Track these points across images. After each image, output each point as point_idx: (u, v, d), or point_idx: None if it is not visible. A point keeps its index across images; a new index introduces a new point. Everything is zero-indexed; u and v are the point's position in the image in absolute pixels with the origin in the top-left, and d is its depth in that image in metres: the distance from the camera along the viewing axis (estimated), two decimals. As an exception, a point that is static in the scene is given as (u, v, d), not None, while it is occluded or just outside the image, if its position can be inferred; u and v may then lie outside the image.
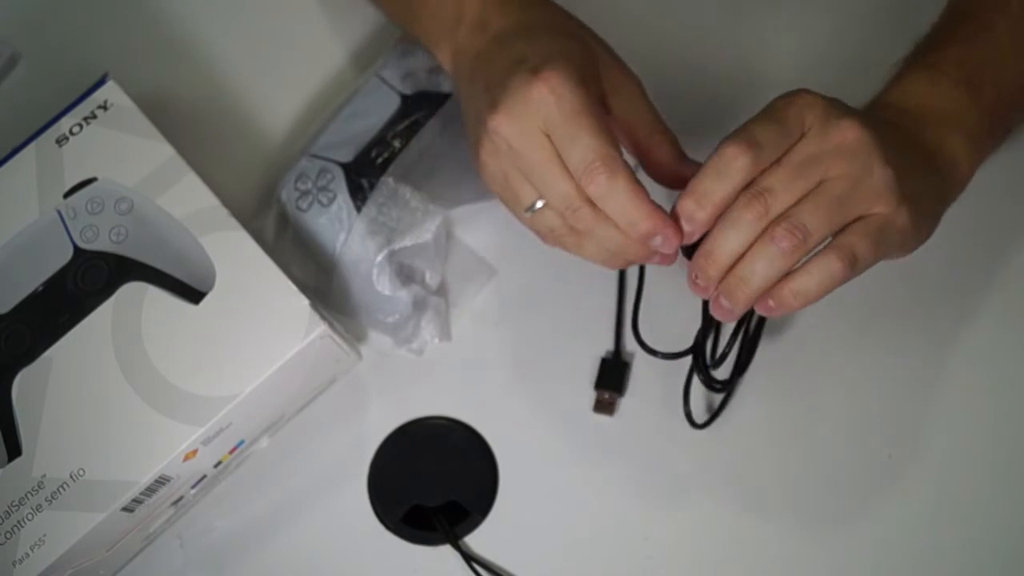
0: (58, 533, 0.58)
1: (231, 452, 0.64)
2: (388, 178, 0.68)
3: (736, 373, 0.65)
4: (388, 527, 0.66)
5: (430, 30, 0.64)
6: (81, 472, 0.58)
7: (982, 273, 0.67)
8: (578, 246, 0.56)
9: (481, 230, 0.70)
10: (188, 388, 0.60)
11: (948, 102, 0.59)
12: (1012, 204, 0.68)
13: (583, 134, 0.53)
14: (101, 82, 0.66)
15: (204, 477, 0.64)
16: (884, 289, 0.66)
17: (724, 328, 0.64)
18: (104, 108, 0.66)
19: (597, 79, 0.57)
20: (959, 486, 0.64)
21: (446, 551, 0.65)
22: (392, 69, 0.70)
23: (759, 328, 0.65)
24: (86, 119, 0.65)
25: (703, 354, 0.61)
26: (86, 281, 0.63)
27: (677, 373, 0.63)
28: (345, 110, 0.70)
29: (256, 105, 0.75)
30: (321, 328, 0.61)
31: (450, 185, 0.69)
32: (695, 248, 0.54)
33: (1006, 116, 0.62)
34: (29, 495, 0.58)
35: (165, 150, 0.64)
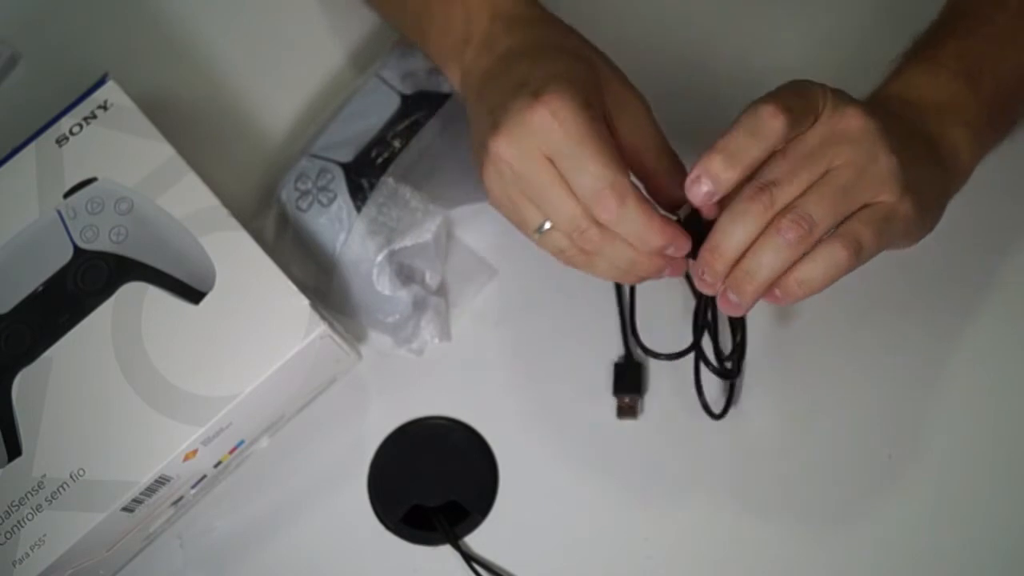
0: (58, 533, 0.58)
1: (231, 452, 0.64)
2: (388, 178, 0.68)
3: (739, 356, 0.64)
4: (388, 527, 0.66)
5: (439, 49, 0.64)
6: (81, 472, 0.58)
7: (983, 271, 0.67)
8: (589, 265, 0.56)
9: (481, 230, 0.70)
10: (188, 388, 0.60)
11: (947, 94, 0.59)
12: (1013, 202, 0.68)
13: (589, 161, 0.52)
14: (101, 82, 0.66)
15: (204, 477, 0.64)
16: (884, 287, 0.66)
17: (720, 318, 0.64)
18: (104, 108, 0.66)
19: (601, 100, 0.56)
20: (959, 486, 0.64)
21: (446, 551, 0.65)
22: (392, 69, 0.70)
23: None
24: (86, 119, 0.65)
25: (704, 348, 0.61)
26: (86, 281, 0.62)
27: (672, 369, 0.64)
28: (345, 110, 0.70)
29: (256, 105, 0.75)
30: (321, 328, 0.61)
31: (450, 185, 0.69)
32: (699, 246, 0.54)
33: (1006, 108, 0.62)
34: (29, 495, 0.58)
35: (165, 150, 0.64)
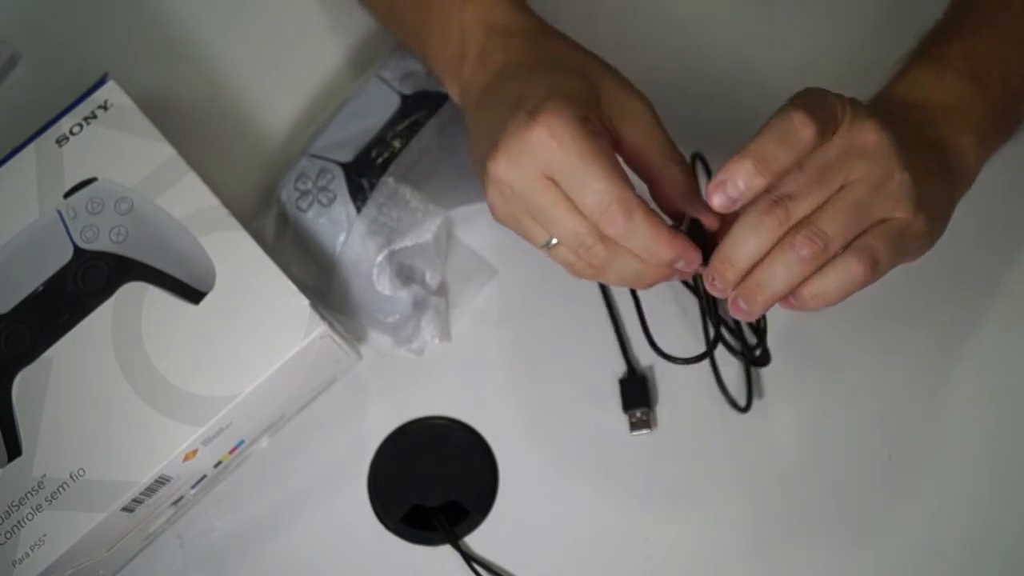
0: (58, 533, 0.58)
1: (231, 452, 0.64)
2: (388, 178, 0.68)
3: (761, 338, 0.63)
4: (388, 527, 0.66)
5: (438, 63, 0.64)
6: (81, 472, 0.58)
7: (985, 272, 0.67)
8: (598, 276, 0.56)
9: (481, 230, 0.70)
10: (188, 388, 0.60)
11: (954, 96, 0.59)
12: (1018, 205, 0.68)
13: (592, 179, 0.52)
14: (101, 82, 0.66)
15: (204, 477, 0.64)
16: (886, 287, 0.65)
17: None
18: (104, 108, 0.66)
19: (600, 110, 0.55)
20: (959, 486, 0.64)
21: (446, 551, 0.65)
22: (392, 69, 0.70)
23: None
24: (86, 119, 0.65)
25: (728, 343, 0.61)
26: (86, 281, 0.62)
27: (675, 373, 0.63)
28: (345, 110, 0.70)
29: (256, 105, 0.75)
30: (321, 328, 0.61)
31: (450, 185, 0.69)
32: (706, 252, 0.54)
33: (1011, 108, 0.62)
34: (29, 495, 0.58)
35: (165, 150, 0.64)
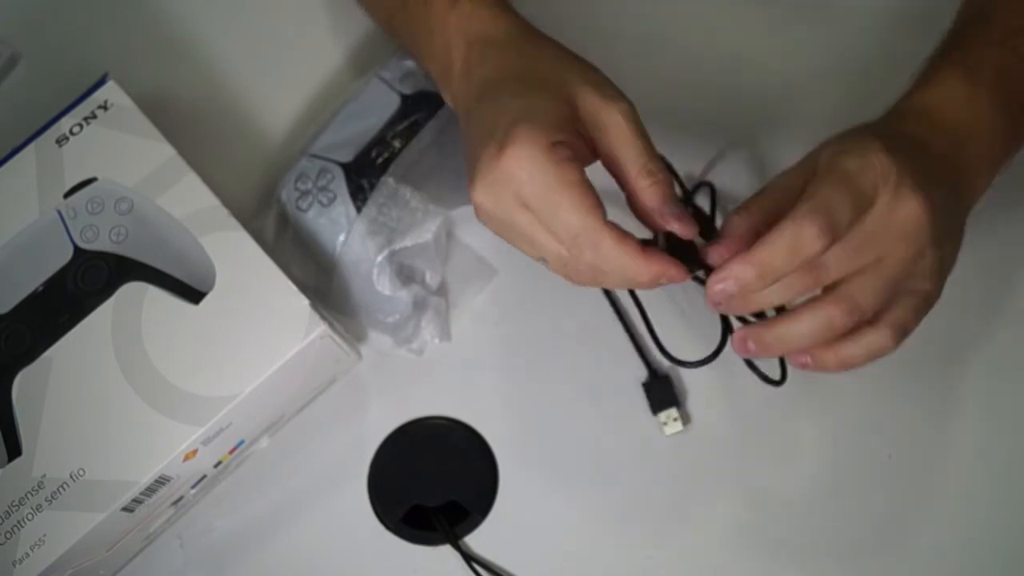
0: (58, 533, 0.58)
1: (231, 452, 0.64)
2: (388, 178, 0.68)
3: None
4: (388, 527, 0.66)
5: (433, 75, 0.64)
6: (81, 472, 0.58)
7: (985, 271, 0.67)
8: (595, 284, 0.56)
9: (481, 230, 0.69)
10: (188, 388, 0.60)
11: (983, 121, 0.57)
12: (1020, 203, 0.68)
13: (558, 210, 0.52)
14: (101, 82, 0.66)
15: (204, 477, 0.64)
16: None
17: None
18: (104, 108, 0.66)
19: (574, 126, 0.55)
20: (960, 486, 0.64)
21: (446, 551, 0.65)
22: (392, 69, 0.70)
23: None
24: (86, 119, 0.65)
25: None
26: (86, 281, 0.62)
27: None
28: (345, 110, 0.70)
29: (256, 105, 0.75)
30: (321, 328, 0.61)
31: (450, 185, 0.69)
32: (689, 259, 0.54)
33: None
34: (29, 495, 0.58)
35: (165, 150, 0.64)
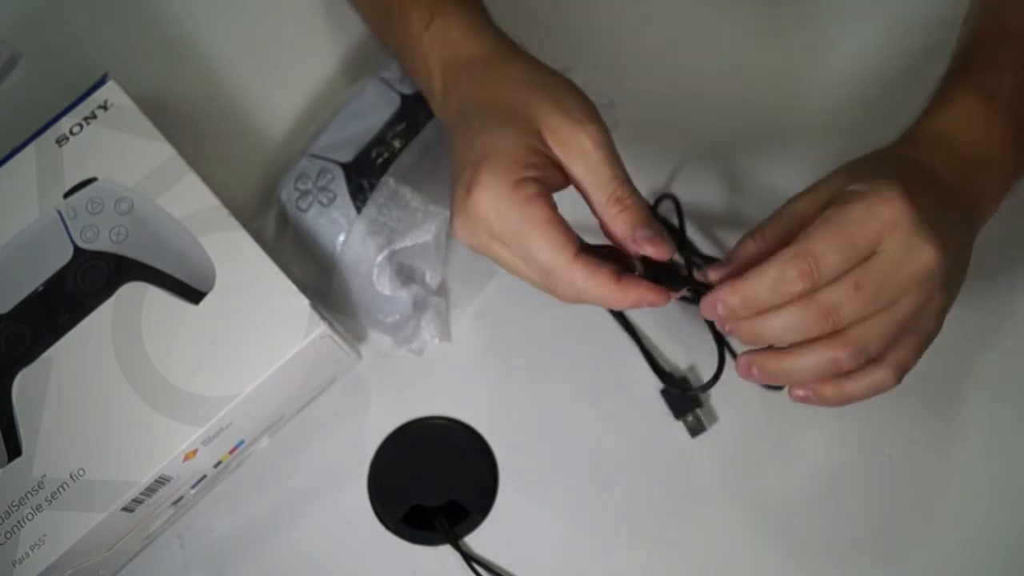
0: (58, 533, 0.58)
1: (231, 452, 0.64)
2: (388, 178, 0.67)
3: None
4: (388, 527, 0.66)
5: (419, 89, 0.65)
6: (81, 472, 0.58)
7: (984, 272, 0.67)
8: (579, 303, 0.55)
9: (481, 230, 0.70)
10: (188, 388, 0.60)
11: (996, 150, 0.57)
12: (1019, 211, 0.68)
13: (528, 250, 0.53)
14: (101, 82, 0.66)
15: (204, 477, 0.64)
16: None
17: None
18: (104, 108, 0.66)
19: (543, 157, 0.54)
20: (960, 485, 0.64)
21: (446, 551, 0.65)
22: (392, 69, 0.70)
23: None
24: (86, 119, 0.65)
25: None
26: (86, 281, 0.62)
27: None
28: (345, 110, 0.70)
29: (256, 105, 0.75)
30: (321, 328, 0.60)
31: (450, 186, 0.69)
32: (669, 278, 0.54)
33: None
34: (29, 495, 0.58)
35: (165, 150, 0.64)
